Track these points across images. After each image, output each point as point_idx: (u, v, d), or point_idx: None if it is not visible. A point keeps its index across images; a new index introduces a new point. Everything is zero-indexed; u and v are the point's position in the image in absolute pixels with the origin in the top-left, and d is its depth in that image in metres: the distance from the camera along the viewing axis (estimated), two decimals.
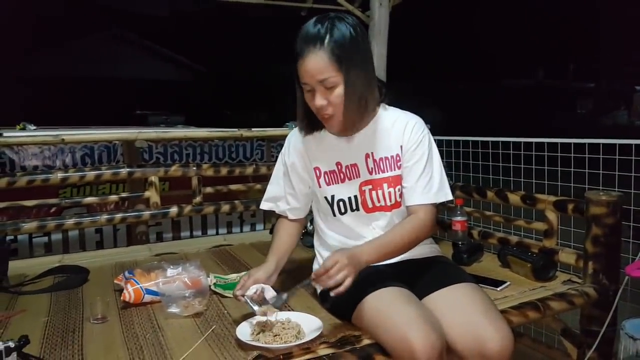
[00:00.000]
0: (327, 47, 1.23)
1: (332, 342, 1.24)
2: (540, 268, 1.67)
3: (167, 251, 2.17)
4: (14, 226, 2.01)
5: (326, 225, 1.49)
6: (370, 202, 1.41)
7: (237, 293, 1.33)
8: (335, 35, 1.24)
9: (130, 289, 1.51)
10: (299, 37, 1.28)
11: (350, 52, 1.25)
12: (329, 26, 1.25)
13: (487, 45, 13.85)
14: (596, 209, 1.62)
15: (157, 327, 1.37)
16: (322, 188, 1.45)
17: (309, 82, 1.27)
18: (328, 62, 1.24)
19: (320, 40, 1.24)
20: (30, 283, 1.76)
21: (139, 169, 2.20)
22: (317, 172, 1.45)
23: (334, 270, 1.17)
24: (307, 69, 1.25)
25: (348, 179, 1.42)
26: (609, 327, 1.59)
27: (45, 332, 1.35)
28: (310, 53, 1.24)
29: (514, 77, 15.92)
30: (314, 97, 1.29)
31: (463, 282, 1.33)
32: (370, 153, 1.41)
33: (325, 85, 1.26)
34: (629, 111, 15.45)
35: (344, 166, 1.42)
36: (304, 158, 1.47)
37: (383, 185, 1.40)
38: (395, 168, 1.41)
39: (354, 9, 3.22)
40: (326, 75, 1.24)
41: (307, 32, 1.26)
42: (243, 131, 2.48)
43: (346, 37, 1.25)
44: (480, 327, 1.18)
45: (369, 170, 1.41)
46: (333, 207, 1.44)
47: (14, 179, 1.99)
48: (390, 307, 1.22)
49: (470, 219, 2.20)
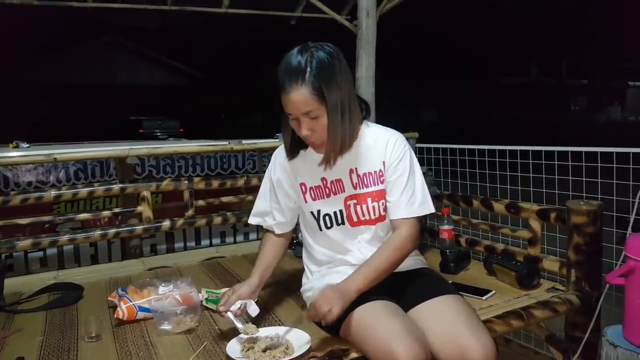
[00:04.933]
0: (308, 81, 1.27)
1: (320, 356, 1.28)
2: (524, 277, 1.71)
3: (160, 265, 2.20)
4: (9, 244, 2.03)
5: (313, 240, 1.53)
6: (355, 216, 1.45)
7: (220, 309, 1.37)
8: (314, 68, 1.28)
9: (124, 307, 1.54)
10: (281, 70, 1.31)
11: (330, 83, 1.29)
12: (308, 59, 1.29)
13: (477, 49, 13.94)
14: (577, 218, 1.66)
15: (150, 345, 1.40)
16: (308, 203, 1.49)
17: (293, 113, 1.32)
18: (310, 96, 1.28)
19: (302, 75, 1.28)
20: (26, 301, 1.79)
21: (131, 184, 2.23)
22: (303, 188, 1.49)
23: (322, 308, 1.23)
24: (290, 102, 1.30)
25: (333, 193, 1.46)
26: (592, 333, 1.63)
27: (41, 352, 1.38)
28: (293, 89, 1.28)
29: (506, 78, 16.01)
30: (299, 125, 1.34)
31: (446, 294, 1.37)
32: (355, 168, 1.45)
33: (310, 116, 1.31)
34: (622, 107, 15.57)
35: (329, 181, 1.46)
36: (289, 175, 1.51)
37: (367, 200, 1.44)
38: (379, 183, 1.45)
39: (341, 18, 3.26)
40: (309, 108, 1.29)
41: (288, 66, 1.30)
42: (233, 144, 2.51)
43: (325, 68, 1.29)
44: (463, 337, 1.22)
45: (353, 185, 1.45)
46: (319, 222, 1.48)
47: (8, 197, 2.02)
48: (375, 321, 1.25)
49: (459, 226, 2.24)
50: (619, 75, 15.06)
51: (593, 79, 16.46)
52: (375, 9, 2.99)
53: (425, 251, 1.75)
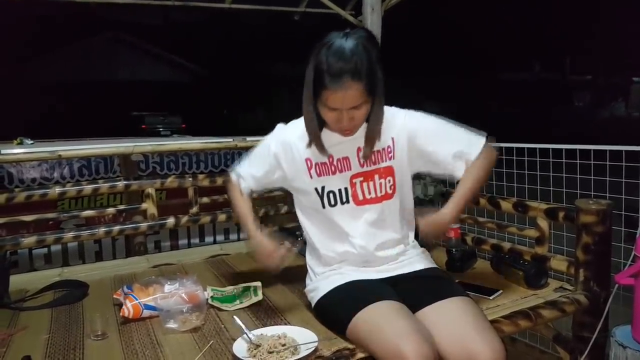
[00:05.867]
0: (364, 78, 1.25)
1: (327, 356, 1.27)
2: (532, 276, 1.70)
3: (165, 262, 2.19)
4: (14, 241, 2.03)
5: (313, 223, 1.51)
6: (360, 194, 1.44)
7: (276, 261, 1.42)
8: (368, 62, 1.25)
9: (129, 305, 1.53)
10: (331, 67, 1.25)
11: (378, 75, 1.29)
12: (361, 53, 1.25)
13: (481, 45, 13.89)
14: (586, 217, 1.64)
15: (155, 343, 1.39)
16: (313, 179, 1.46)
17: (339, 107, 1.29)
18: (363, 91, 1.27)
19: (358, 74, 1.24)
20: (31, 298, 1.78)
21: (136, 181, 2.23)
22: (309, 163, 1.46)
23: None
24: (340, 99, 1.27)
25: (339, 171, 1.45)
26: (600, 333, 1.62)
27: (47, 350, 1.38)
28: (346, 86, 1.24)
29: (510, 75, 15.95)
30: (339, 117, 1.31)
31: (455, 296, 1.35)
32: (362, 147, 1.43)
33: (356, 109, 1.30)
34: (626, 103, 15.48)
35: (336, 159, 1.45)
36: (292, 151, 1.47)
37: (374, 177, 1.44)
38: (387, 159, 1.44)
39: (346, 14, 3.24)
40: (360, 101, 1.28)
41: (341, 61, 1.24)
42: (237, 141, 2.50)
43: (375, 61, 1.27)
44: (471, 341, 1.20)
45: (360, 163, 1.44)
46: (323, 199, 1.45)
47: (13, 194, 2.01)
48: (382, 321, 1.24)
49: (465, 224, 2.23)
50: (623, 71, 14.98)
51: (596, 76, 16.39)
52: (380, 4, 2.97)
53: (431, 250, 1.74)
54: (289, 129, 1.51)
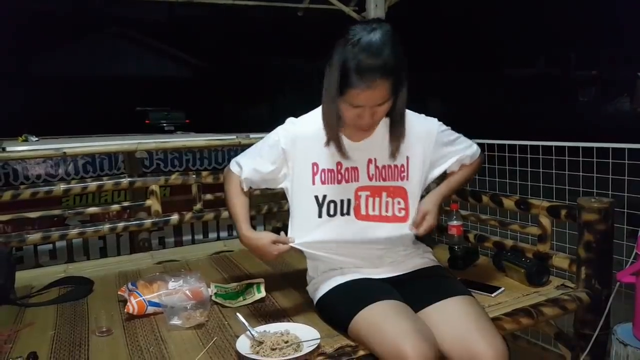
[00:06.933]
0: (392, 75, 1.22)
1: (330, 353, 1.28)
2: (533, 274, 1.70)
3: (169, 259, 2.21)
4: (19, 238, 2.05)
5: (305, 228, 1.41)
6: (364, 208, 1.40)
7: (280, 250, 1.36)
8: (396, 59, 1.21)
9: (134, 301, 1.55)
10: (360, 64, 1.19)
11: (404, 72, 1.27)
12: (390, 49, 1.20)
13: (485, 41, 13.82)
14: (588, 215, 1.64)
15: (160, 340, 1.41)
16: (316, 186, 1.39)
17: (364, 105, 1.25)
18: (390, 88, 1.24)
19: (388, 71, 1.20)
20: (36, 295, 1.80)
21: (140, 178, 2.24)
22: (315, 168, 1.39)
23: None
24: (367, 97, 1.23)
25: (345, 181, 1.40)
26: (601, 331, 1.62)
27: (52, 346, 1.40)
28: (376, 84, 1.20)
29: (516, 70, 15.88)
30: (360, 114, 1.27)
31: (458, 295, 1.35)
32: (374, 159, 1.39)
33: (379, 105, 1.26)
34: (631, 98, 15.37)
35: (344, 167, 1.39)
36: (302, 149, 1.40)
37: (382, 194, 1.40)
38: (399, 179, 1.40)
39: (349, 10, 3.23)
40: (386, 99, 1.25)
41: (371, 61, 1.19)
42: (241, 138, 2.51)
43: (402, 58, 1.24)
44: (474, 342, 1.20)
45: (369, 176, 1.40)
46: (321, 208, 1.39)
47: (18, 191, 2.03)
48: (384, 320, 1.24)
49: (468, 222, 2.23)
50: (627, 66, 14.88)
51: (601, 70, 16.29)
52: (383, 0, 2.97)
53: (433, 247, 1.75)
54: (299, 125, 1.43)
